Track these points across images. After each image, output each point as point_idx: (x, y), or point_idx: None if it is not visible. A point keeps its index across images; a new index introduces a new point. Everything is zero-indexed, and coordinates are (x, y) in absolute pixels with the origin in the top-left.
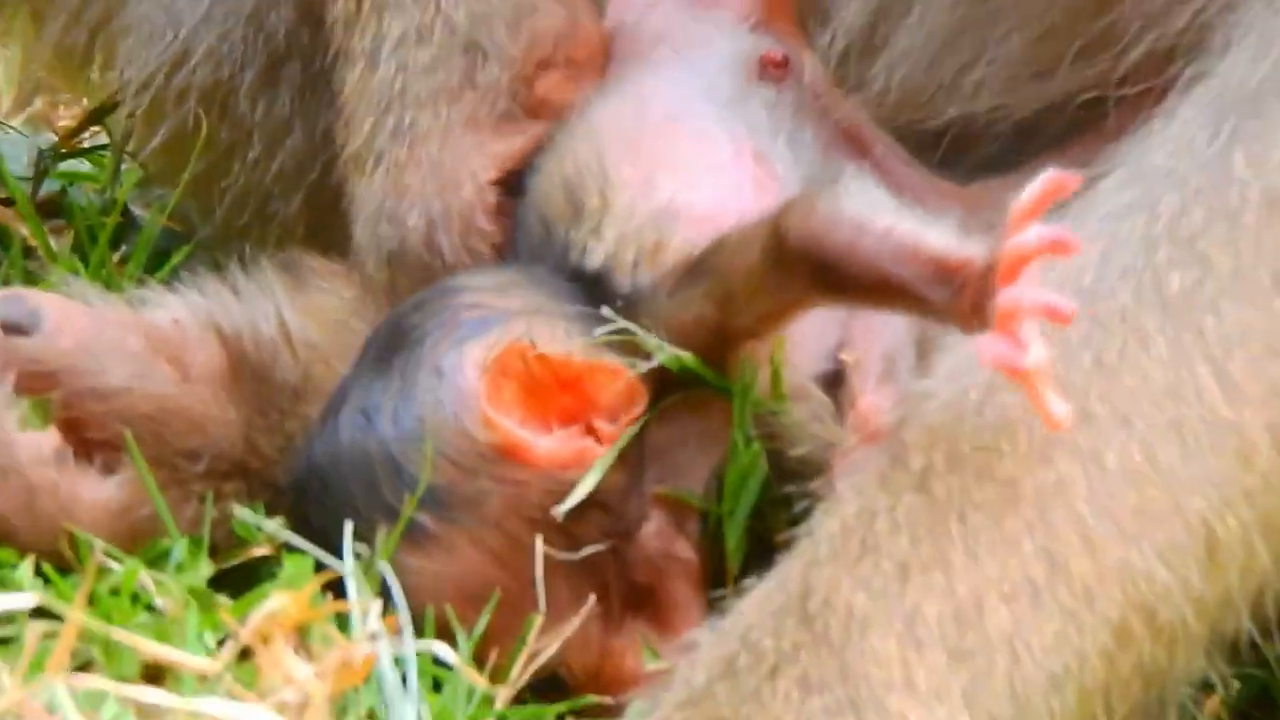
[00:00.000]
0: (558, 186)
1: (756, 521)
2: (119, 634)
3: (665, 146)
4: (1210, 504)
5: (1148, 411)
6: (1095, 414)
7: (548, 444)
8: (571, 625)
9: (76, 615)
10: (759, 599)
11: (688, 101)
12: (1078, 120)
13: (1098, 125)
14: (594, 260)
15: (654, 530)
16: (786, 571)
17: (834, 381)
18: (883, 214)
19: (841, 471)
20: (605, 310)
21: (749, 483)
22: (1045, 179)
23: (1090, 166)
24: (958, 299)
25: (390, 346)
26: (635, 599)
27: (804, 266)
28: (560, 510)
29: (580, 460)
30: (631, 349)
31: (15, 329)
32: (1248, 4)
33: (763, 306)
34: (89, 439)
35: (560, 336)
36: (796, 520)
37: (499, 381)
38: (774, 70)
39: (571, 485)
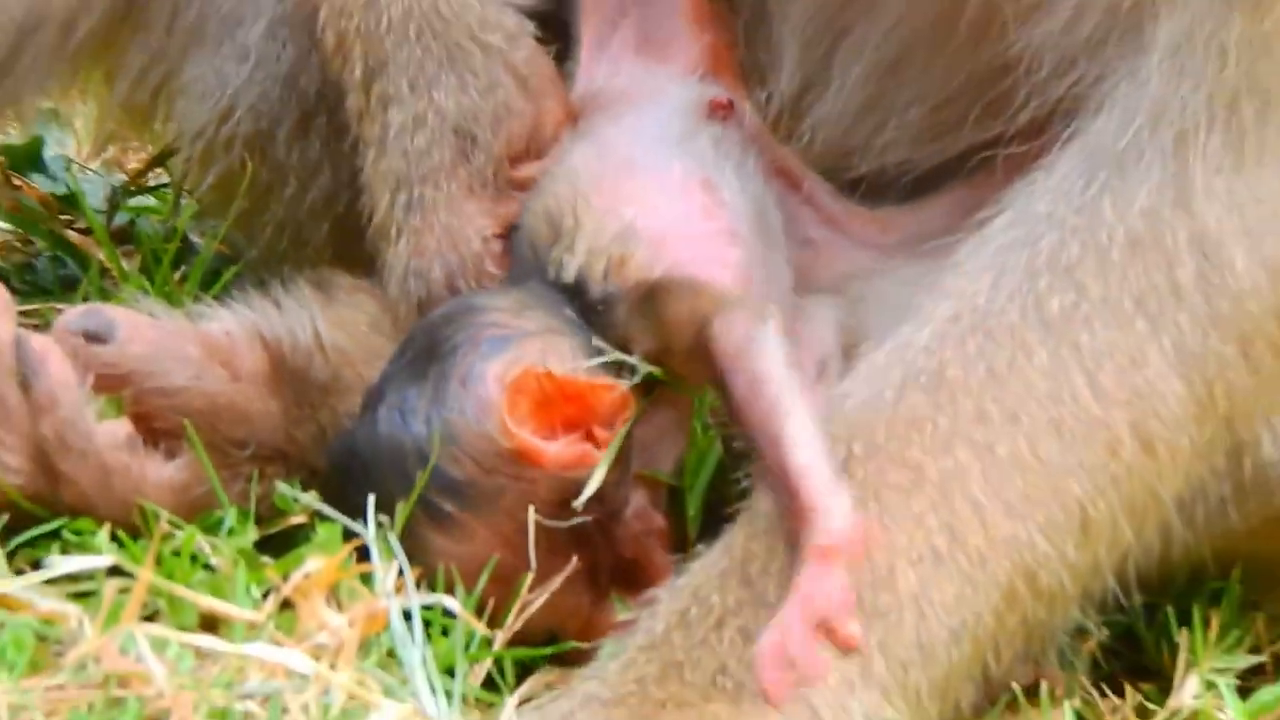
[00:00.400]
0: (541, 218)
1: (712, 495)
2: (180, 589)
3: (626, 181)
4: (1084, 489)
5: (1032, 411)
6: (989, 413)
7: (555, 449)
8: (558, 580)
9: (145, 573)
10: (708, 562)
11: (644, 143)
12: (972, 171)
13: (988, 175)
14: (569, 273)
15: (635, 511)
16: (731, 540)
17: None
18: (782, 389)
19: None
20: (596, 342)
21: (705, 463)
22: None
23: (982, 209)
24: (792, 516)
25: (423, 355)
26: (619, 569)
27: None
28: (578, 503)
29: (581, 462)
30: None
31: (94, 338)
32: (1114, 78)
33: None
34: (155, 429)
35: (566, 355)
36: (743, 495)
37: (516, 398)
38: (720, 111)
39: (573, 482)
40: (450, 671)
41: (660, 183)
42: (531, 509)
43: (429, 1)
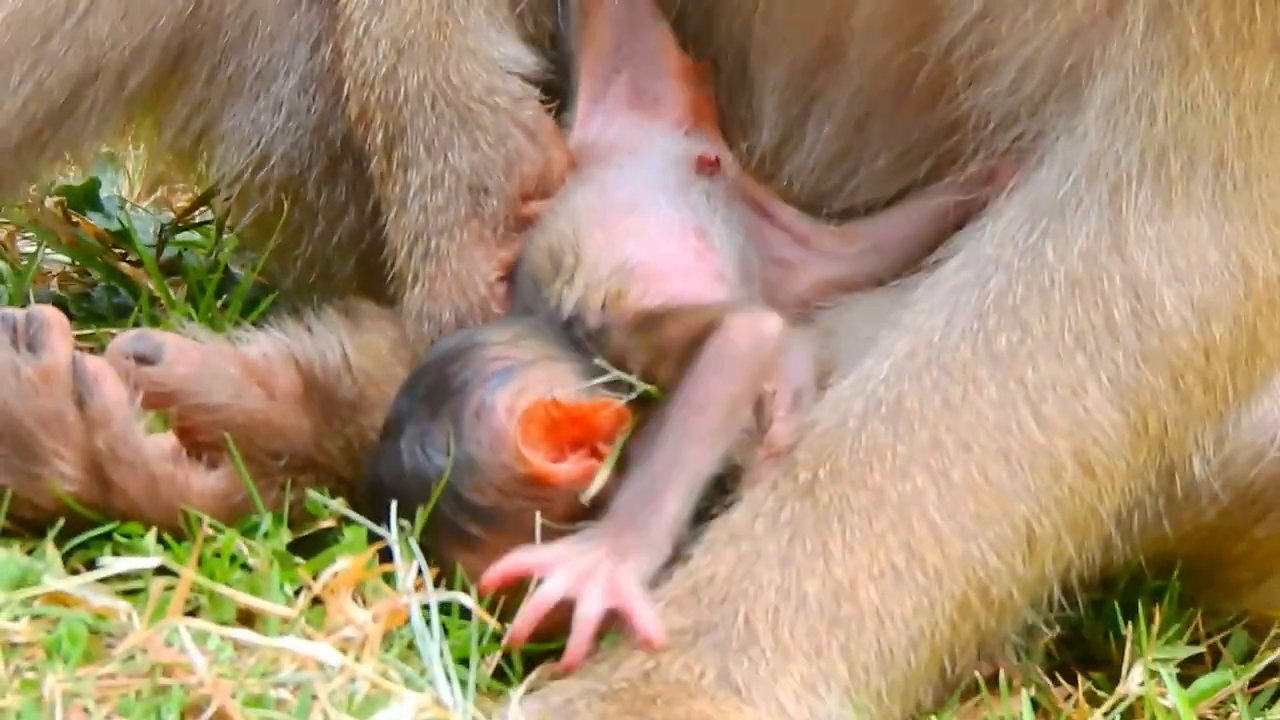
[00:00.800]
0: (544, 254)
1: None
2: (220, 587)
3: (627, 222)
4: (1030, 509)
5: (983, 440)
6: (943, 442)
7: (566, 469)
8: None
9: (189, 573)
10: (678, 580)
11: (644, 189)
12: (925, 184)
13: (942, 219)
14: (568, 306)
15: None
16: (696, 563)
17: (756, 408)
18: (711, 428)
19: (751, 479)
20: (597, 361)
21: None
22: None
23: (932, 216)
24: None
25: (435, 392)
26: None
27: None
28: (584, 498)
29: (589, 476)
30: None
31: (144, 359)
32: (1053, 134)
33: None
34: (198, 442)
35: (566, 379)
36: (729, 503)
37: (528, 426)
38: (709, 168)
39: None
40: (465, 662)
41: (658, 225)
42: (539, 516)
43: (441, 73)
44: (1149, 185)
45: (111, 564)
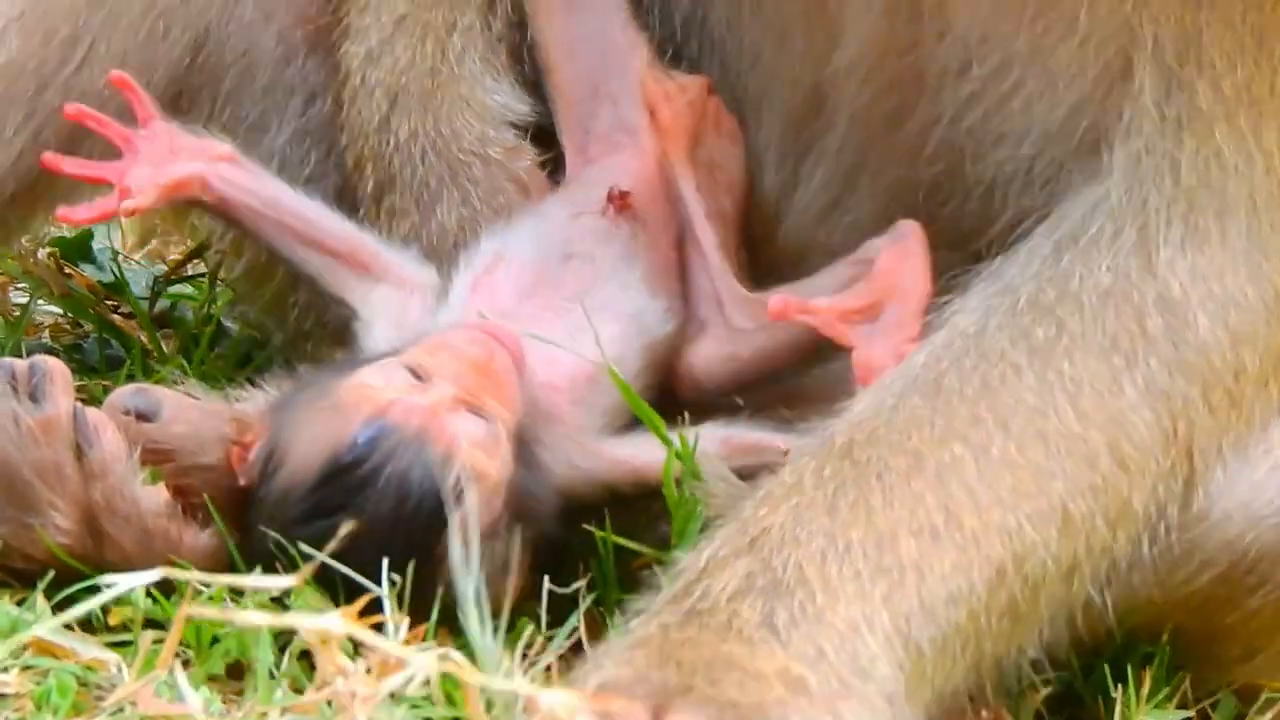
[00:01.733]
0: None
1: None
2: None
3: None
4: (1066, 489)
5: (1020, 422)
6: (982, 418)
7: None
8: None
9: (178, 625)
10: (728, 531)
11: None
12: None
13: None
14: None
15: None
16: (744, 512)
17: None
18: None
19: None
20: None
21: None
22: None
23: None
24: None
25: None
26: None
27: None
28: None
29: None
30: None
31: (142, 416)
32: (1074, 193)
33: None
34: (192, 502)
35: None
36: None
37: None
38: (614, 203)
39: None
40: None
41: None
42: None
43: (432, 123)
44: (1179, 227)
45: (100, 615)
